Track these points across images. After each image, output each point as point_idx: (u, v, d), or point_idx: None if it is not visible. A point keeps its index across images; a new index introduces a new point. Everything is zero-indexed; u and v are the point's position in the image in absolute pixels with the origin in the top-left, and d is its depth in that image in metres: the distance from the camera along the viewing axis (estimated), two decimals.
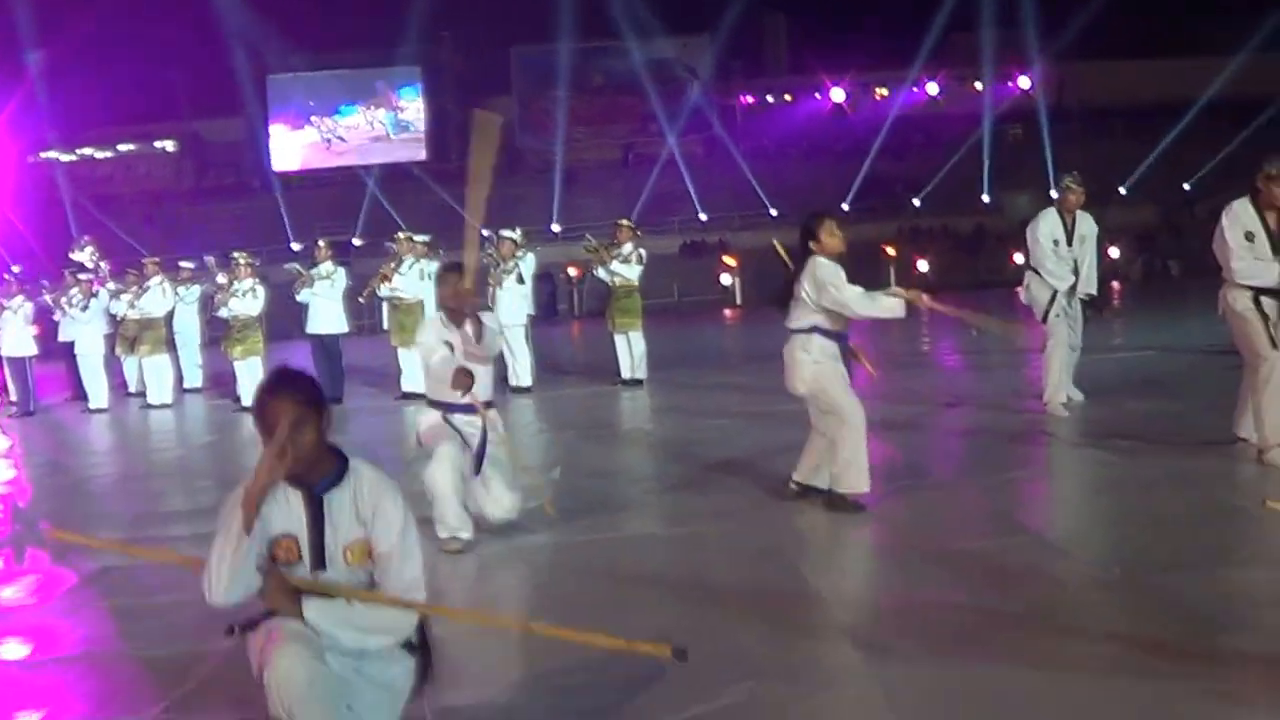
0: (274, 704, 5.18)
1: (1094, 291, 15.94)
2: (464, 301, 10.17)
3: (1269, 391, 11.39)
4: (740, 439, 15.06)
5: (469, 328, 10.05)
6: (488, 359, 10.31)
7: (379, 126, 69.97)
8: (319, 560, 5.40)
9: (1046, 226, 15.53)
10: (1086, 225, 15.65)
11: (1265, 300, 11.46)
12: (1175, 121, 54.94)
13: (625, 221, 22.53)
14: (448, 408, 10.24)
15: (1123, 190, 54.32)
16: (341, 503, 5.44)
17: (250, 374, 21.52)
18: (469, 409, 10.18)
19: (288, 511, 5.40)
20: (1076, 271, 15.56)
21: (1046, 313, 15.40)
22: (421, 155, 68.64)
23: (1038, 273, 15.51)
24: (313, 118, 69.81)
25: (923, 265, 50.41)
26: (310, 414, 5.31)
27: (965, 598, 8.08)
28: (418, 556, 5.55)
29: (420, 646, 5.64)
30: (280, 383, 5.43)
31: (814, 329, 10.74)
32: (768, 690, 6.68)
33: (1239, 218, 11.53)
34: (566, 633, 6.00)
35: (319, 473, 5.44)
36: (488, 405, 10.41)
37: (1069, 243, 15.44)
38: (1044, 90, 66.72)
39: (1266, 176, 11.43)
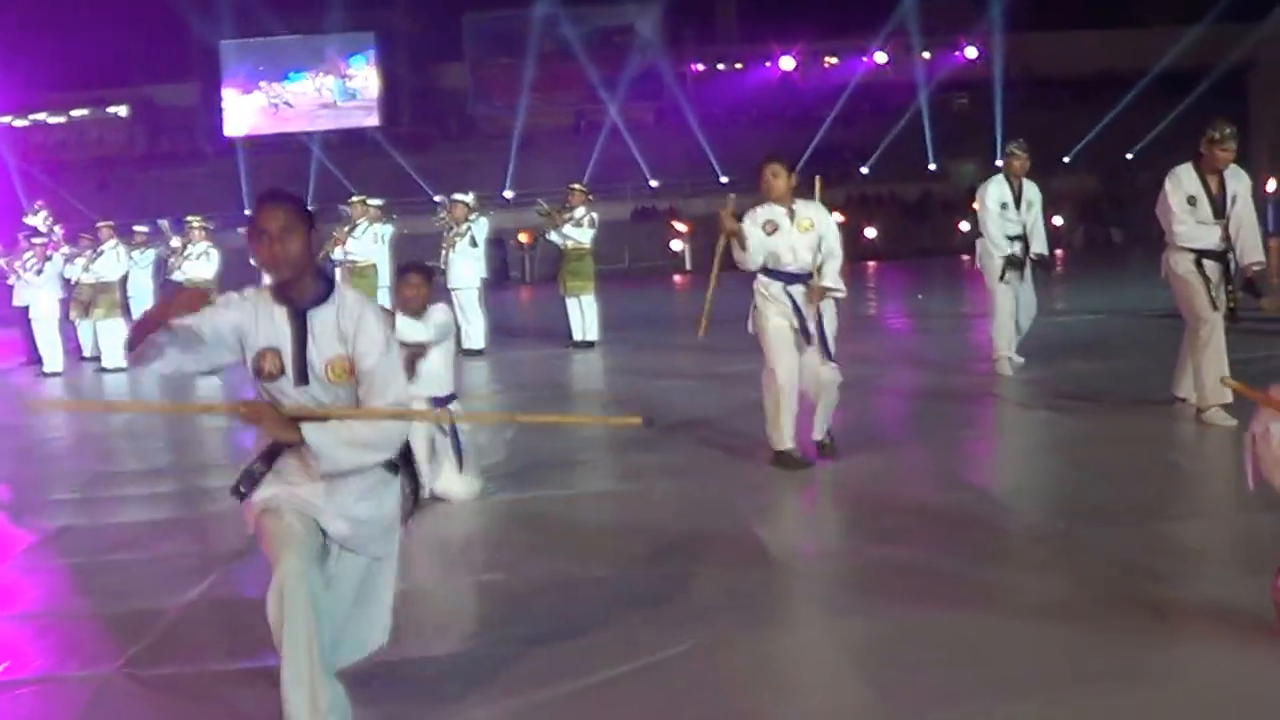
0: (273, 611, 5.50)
1: (1044, 251, 16.19)
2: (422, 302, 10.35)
3: (1208, 353, 11.59)
4: (690, 398, 15.22)
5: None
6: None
7: (326, 94, 69.60)
8: (301, 375, 5.58)
9: (995, 191, 15.79)
10: (1032, 191, 15.90)
11: (1206, 263, 11.67)
12: (1119, 92, 55.23)
13: (578, 185, 22.64)
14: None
15: (1066, 159, 54.58)
16: (325, 320, 5.60)
17: None
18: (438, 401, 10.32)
19: (272, 326, 5.59)
20: (1024, 237, 15.80)
21: (1003, 275, 15.67)
22: (374, 121, 68.36)
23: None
24: (261, 83, 69.40)
25: (870, 232, 50.65)
26: (298, 224, 5.54)
27: (913, 549, 8.19)
28: (401, 377, 5.77)
29: (405, 468, 5.91)
30: (274, 193, 5.68)
31: (762, 268, 10.92)
32: (721, 637, 6.77)
33: (1181, 181, 11.71)
34: (546, 418, 6.15)
35: (305, 290, 5.62)
36: (451, 398, 10.56)
37: (1016, 207, 15.68)
38: (992, 60, 66.94)
39: (1210, 140, 11.61)
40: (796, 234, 10.82)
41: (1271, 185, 54.96)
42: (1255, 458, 6.08)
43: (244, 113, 67.97)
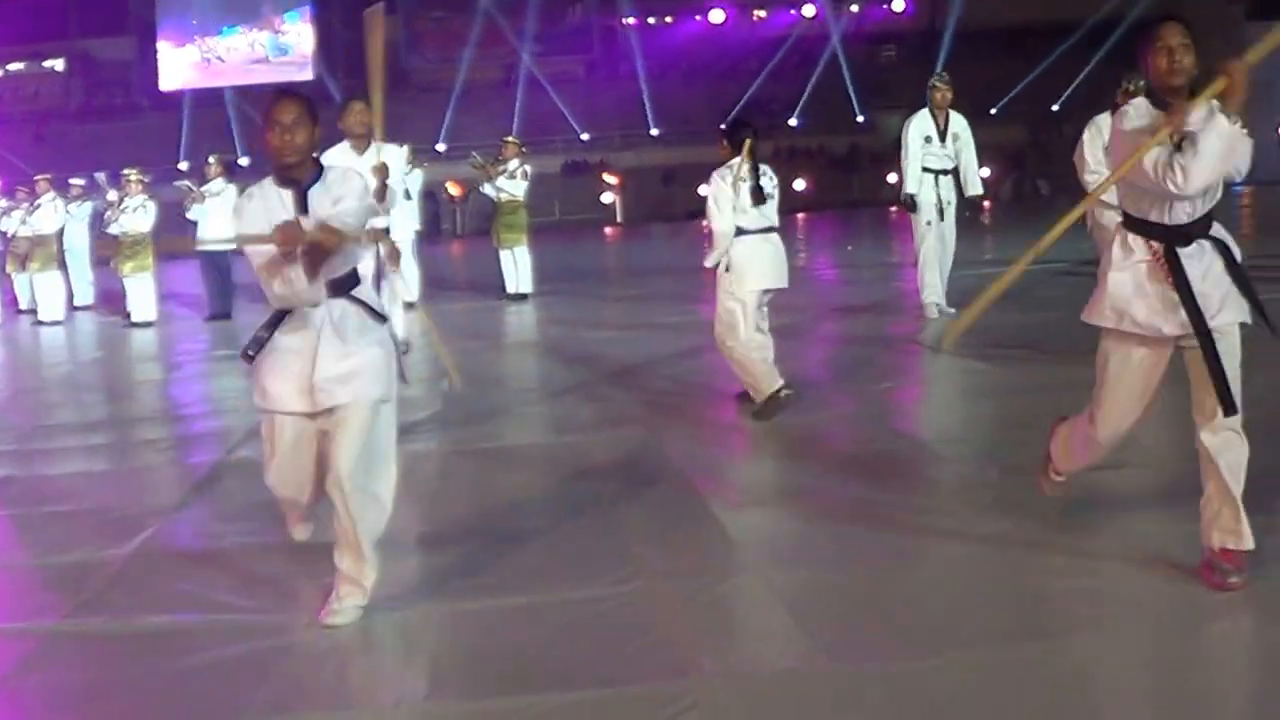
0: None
1: (980, 191, 16.37)
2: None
3: None
4: (623, 349, 15.31)
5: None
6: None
7: (259, 49, 69.12)
8: None
9: (918, 123, 16.02)
10: (959, 124, 16.06)
11: None
12: (1046, 43, 55.46)
13: (511, 138, 22.75)
14: None
15: (993, 111, 54.81)
16: (318, 194, 6.43)
17: (140, 290, 21.59)
18: None
19: (281, 207, 6.40)
20: (953, 172, 16.00)
21: (941, 213, 15.89)
22: (308, 75, 67.98)
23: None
24: (196, 38, 68.86)
25: (799, 185, 50.74)
26: (306, 118, 6.45)
27: (847, 500, 8.30)
28: (359, 201, 6.53)
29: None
30: (287, 90, 6.72)
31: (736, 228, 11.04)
32: (655, 587, 6.87)
33: (1101, 131, 11.88)
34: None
35: (305, 175, 6.49)
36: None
37: (941, 140, 15.86)
38: (919, 12, 67.09)
39: (1125, 91, 11.81)
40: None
41: None
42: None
43: (179, 67, 67.44)
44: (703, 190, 11.42)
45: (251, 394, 6.90)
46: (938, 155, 15.98)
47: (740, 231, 10.86)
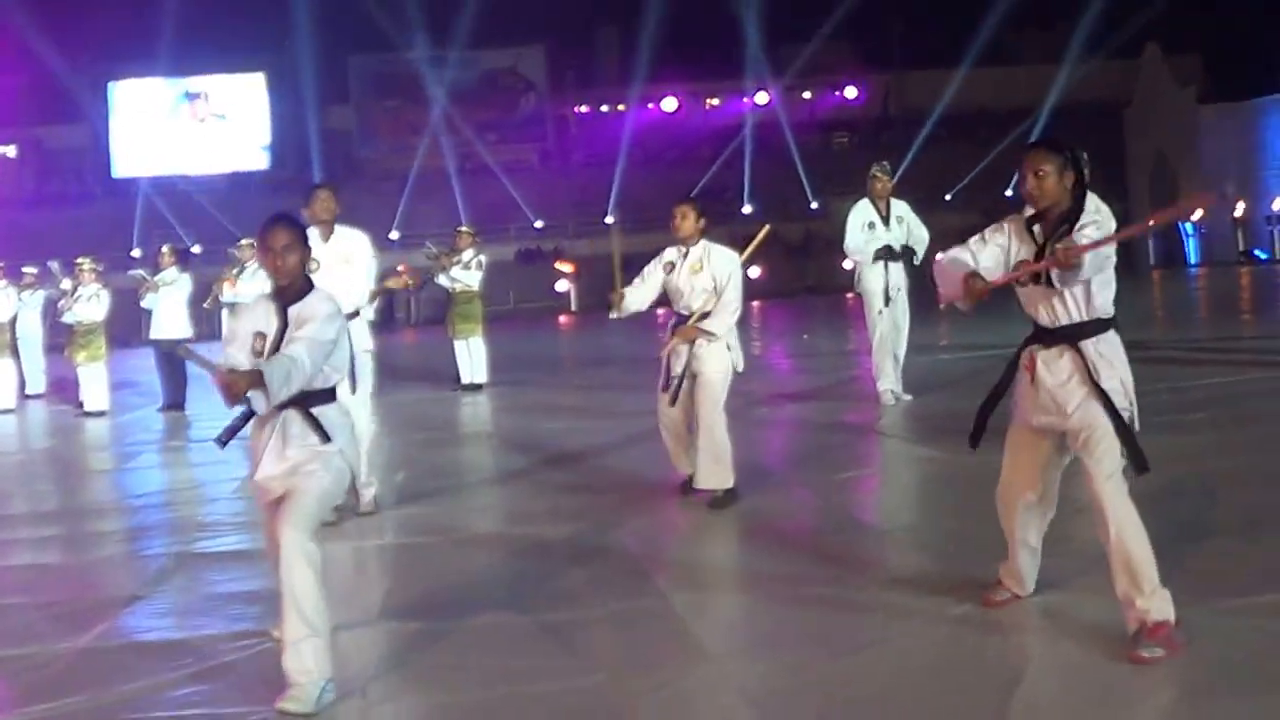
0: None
1: (917, 251, 16.42)
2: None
3: None
4: (578, 439, 15.28)
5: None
6: None
7: (214, 136, 69.25)
8: (276, 350, 6.88)
9: (858, 212, 16.21)
10: (901, 208, 16.22)
11: None
12: (997, 130, 55.97)
13: (466, 228, 22.72)
14: None
15: (947, 197, 55.23)
16: (302, 313, 6.93)
17: (94, 379, 21.52)
18: None
19: (268, 318, 7.00)
20: (903, 254, 16.11)
21: (888, 298, 15.98)
22: (261, 163, 68.16)
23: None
24: (150, 124, 69.00)
25: (754, 272, 50.89)
26: (298, 243, 7.02)
27: (807, 587, 8.22)
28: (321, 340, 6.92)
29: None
30: (281, 217, 7.16)
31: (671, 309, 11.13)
32: (616, 680, 6.84)
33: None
34: None
35: (293, 292, 7.02)
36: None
37: (885, 225, 15.99)
38: (872, 99, 67.67)
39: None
40: (686, 274, 10.92)
41: (1151, 221, 55.80)
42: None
43: (133, 154, 67.50)
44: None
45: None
46: (883, 240, 16.10)
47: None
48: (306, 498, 6.87)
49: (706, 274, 10.88)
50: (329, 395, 7.08)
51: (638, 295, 11.19)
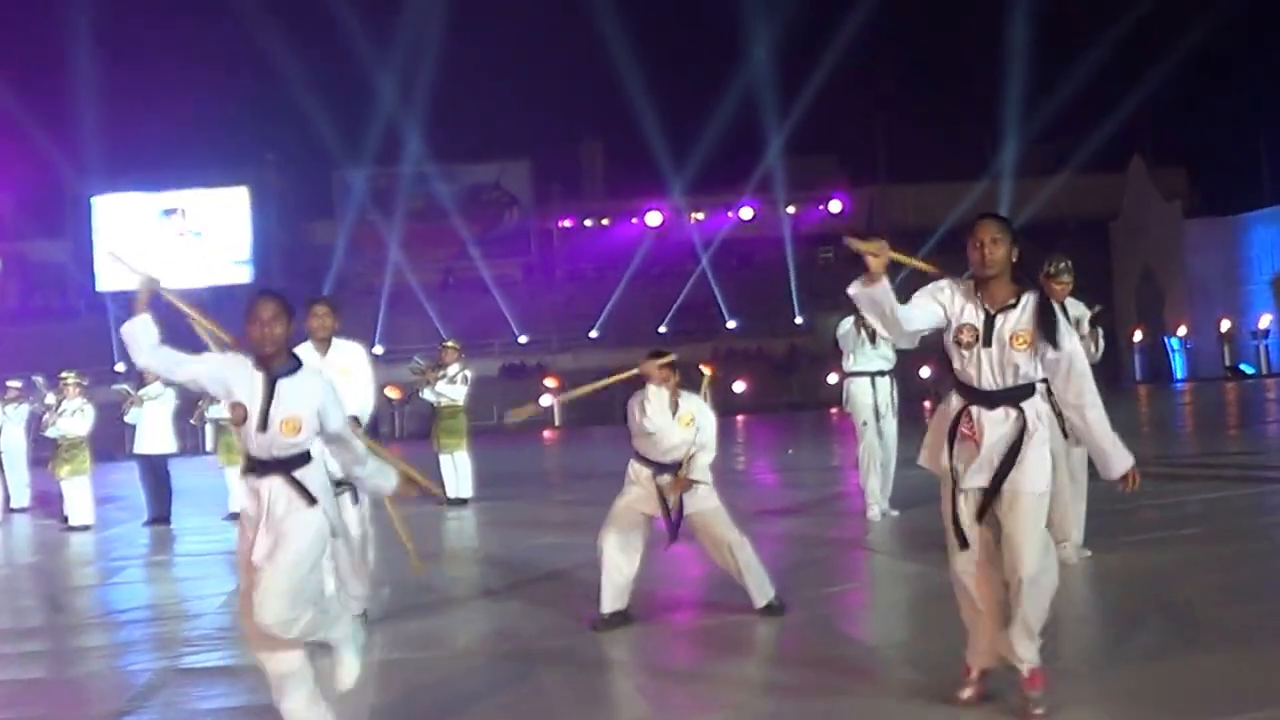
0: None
1: None
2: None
3: (1055, 490, 11.94)
4: (565, 554, 15.21)
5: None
6: None
7: (198, 250, 69.44)
8: (263, 424, 7.28)
9: (848, 328, 16.15)
10: None
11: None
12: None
13: (451, 343, 22.73)
14: None
15: None
16: (291, 388, 7.35)
17: (78, 493, 21.49)
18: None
19: (251, 386, 7.33)
20: (893, 374, 16.21)
21: (877, 414, 16.04)
22: (245, 277, 68.31)
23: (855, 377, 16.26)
24: (132, 239, 69.22)
25: (738, 387, 51.01)
26: (284, 314, 7.42)
27: (798, 704, 8.26)
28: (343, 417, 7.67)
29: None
30: (267, 291, 7.70)
31: (635, 453, 11.24)
32: None
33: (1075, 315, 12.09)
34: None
35: (279, 364, 7.39)
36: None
37: (873, 342, 16.03)
38: (855, 213, 68.03)
39: (1046, 275, 12.09)
40: (678, 428, 10.96)
41: (1138, 335, 55.99)
42: None
43: (116, 269, 67.70)
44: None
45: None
46: (870, 356, 16.15)
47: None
48: (285, 558, 7.26)
49: (694, 426, 10.95)
50: (306, 457, 7.44)
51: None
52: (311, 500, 7.35)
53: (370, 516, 11.70)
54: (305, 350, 11.06)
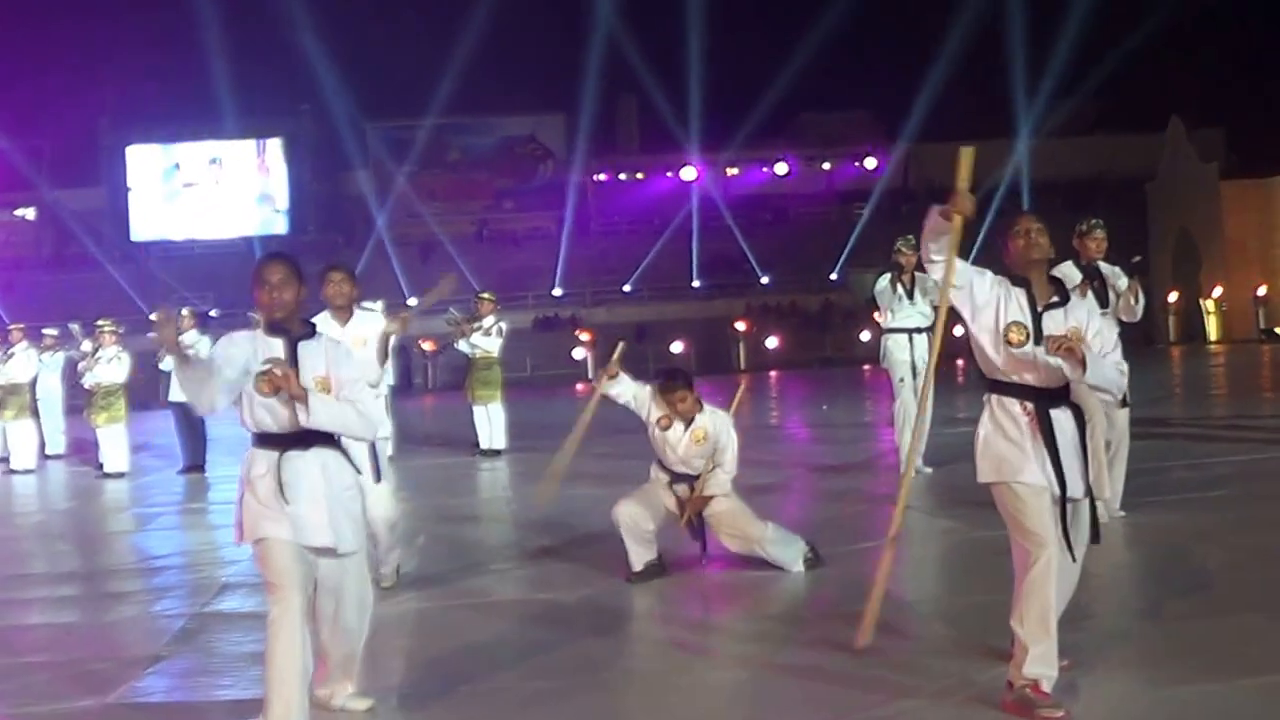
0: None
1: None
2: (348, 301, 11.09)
3: (1093, 449, 11.98)
4: (598, 506, 15.17)
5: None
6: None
7: (232, 200, 69.52)
8: None
9: (885, 285, 16.13)
10: (928, 282, 16.16)
11: None
12: (1017, 201, 55.95)
13: (486, 295, 22.63)
14: None
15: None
16: (312, 350, 7.16)
17: (113, 441, 21.56)
18: None
19: (271, 353, 6.99)
20: (927, 329, 16.15)
21: (914, 370, 16.03)
22: (280, 228, 68.38)
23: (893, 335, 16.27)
24: (166, 188, 69.41)
25: (772, 342, 50.92)
26: (293, 278, 7.12)
27: (829, 657, 8.23)
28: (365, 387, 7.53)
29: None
30: (276, 253, 7.46)
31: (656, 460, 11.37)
32: None
33: (1065, 275, 12.04)
34: None
35: (296, 329, 7.16)
36: None
37: (910, 299, 15.99)
38: (892, 171, 67.79)
39: (1079, 233, 12.11)
40: (688, 443, 10.95)
41: (1173, 296, 55.75)
42: None
43: (150, 217, 67.81)
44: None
45: (234, 544, 7.51)
46: (908, 313, 16.12)
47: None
48: (361, 553, 7.31)
49: (710, 442, 10.93)
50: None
51: (625, 389, 11.41)
52: (357, 470, 7.35)
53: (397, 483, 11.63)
54: (324, 320, 10.98)
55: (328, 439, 7.11)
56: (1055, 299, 7.26)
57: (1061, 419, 7.22)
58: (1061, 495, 7.11)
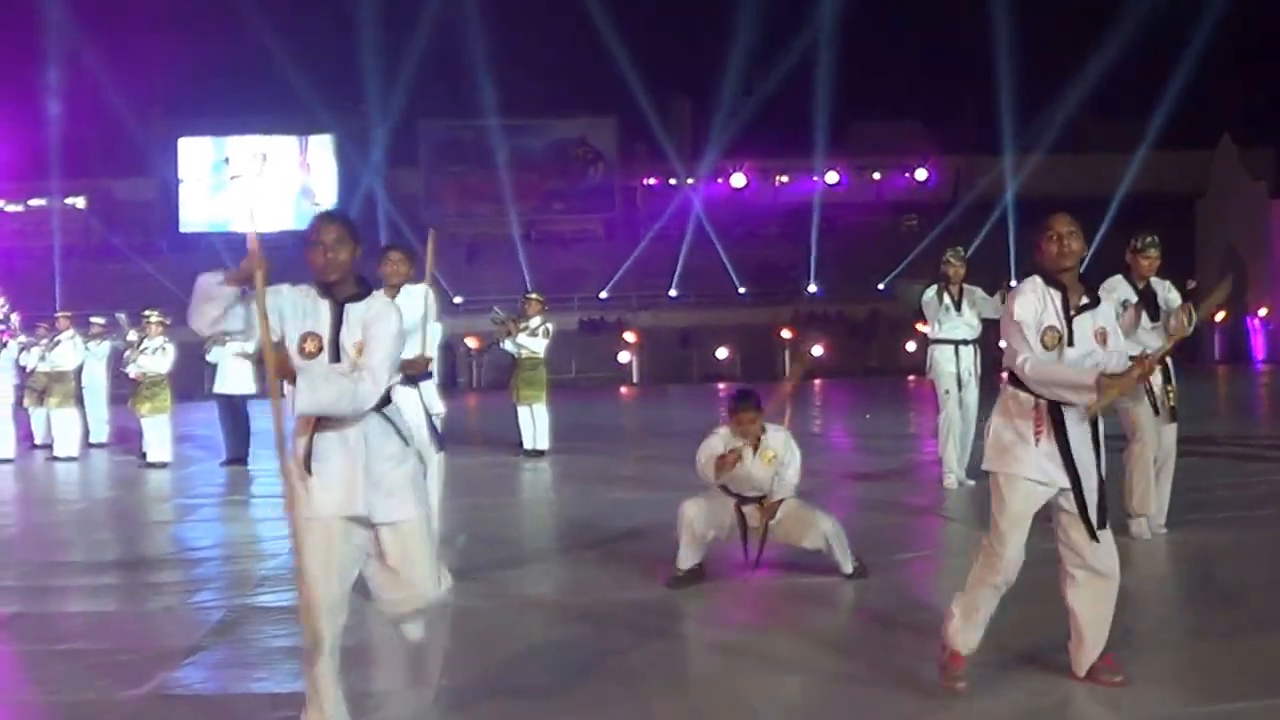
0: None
1: None
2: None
3: (1141, 465, 11.93)
4: (640, 509, 15.21)
5: None
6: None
7: (282, 194, 69.76)
8: (335, 354, 6.81)
9: (932, 296, 16.11)
10: (976, 294, 16.13)
11: None
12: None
13: (534, 295, 22.62)
14: None
15: (1013, 283, 55.08)
16: (357, 312, 6.85)
17: (157, 431, 21.63)
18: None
19: (316, 315, 6.85)
20: (977, 343, 16.11)
21: (960, 382, 15.98)
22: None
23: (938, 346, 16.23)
24: (216, 180, 69.75)
25: (817, 350, 50.86)
26: (348, 238, 6.88)
27: (866, 667, 8.21)
28: (389, 358, 6.90)
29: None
30: (329, 213, 7.17)
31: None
32: None
33: (1115, 289, 11.98)
34: None
35: (347, 291, 6.89)
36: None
37: (958, 310, 15.95)
38: (942, 182, 67.67)
39: (1133, 250, 12.04)
40: (759, 465, 10.91)
41: (1219, 315, 55.51)
42: None
43: (199, 209, 68.14)
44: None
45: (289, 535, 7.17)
46: (955, 324, 16.08)
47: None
48: (423, 531, 7.12)
49: (776, 462, 10.91)
50: (387, 394, 7.04)
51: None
52: (404, 440, 7.03)
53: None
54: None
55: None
56: (1086, 300, 7.40)
57: (1071, 413, 7.27)
58: (1077, 489, 7.29)
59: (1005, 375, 7.49)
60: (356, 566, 7.02)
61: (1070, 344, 7.24)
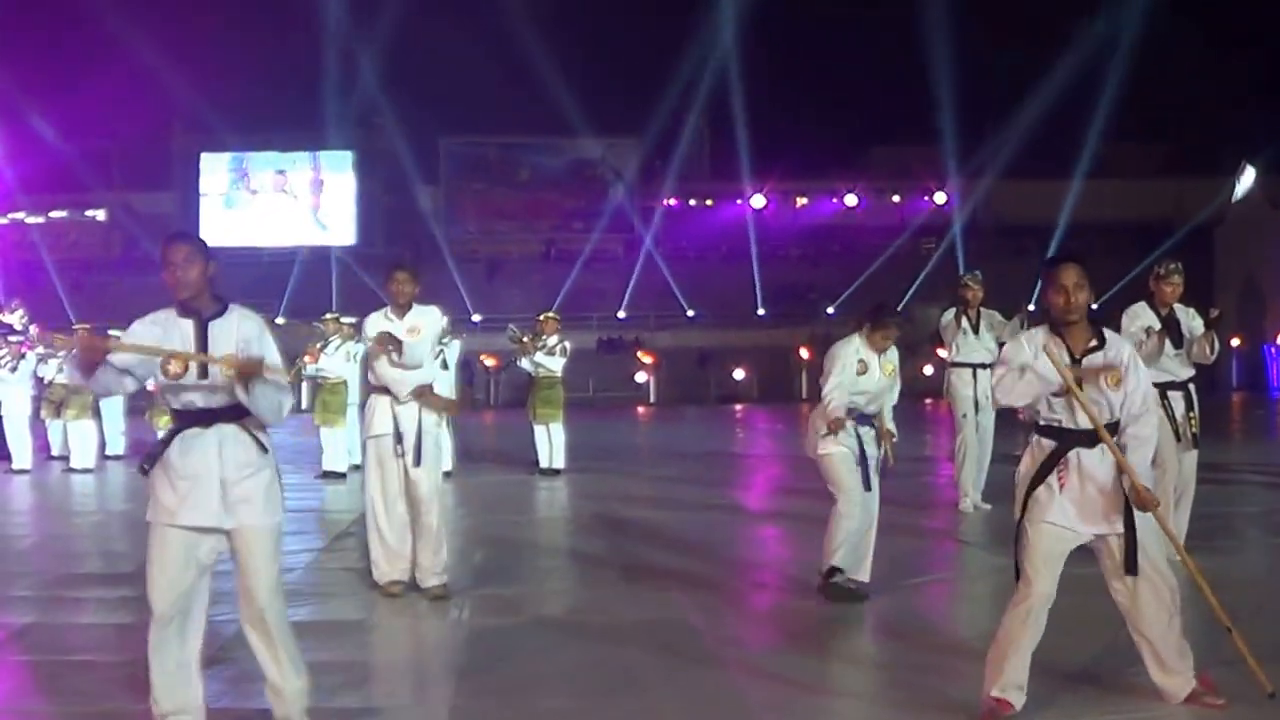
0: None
1: None
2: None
3: (1160, 491, 11.92)
4: (656, 529, 15.22)
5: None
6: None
7: (302, 210, 69.93)
8: (202, 371, 6.99)
9: (948, 319, 16.13)
10: (994, 317, 16.15)
11: (1170, 394, 11.88)
12: (1084, 242, 55.70)
13: (551, 314, 22.60)
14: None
15: (1031, 307, 55.01)
16: (223, 329, 7.10)
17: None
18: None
19: (179, 336, 7.06)
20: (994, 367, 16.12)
21: (977, 405, 15.97)
22: (348, 239, 68.65)
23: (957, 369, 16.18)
24: (238, 196, 69.92)
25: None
26: (197, 255, 7.10)
27: (884, 692, 8.25)
28: (278, 361, 7.16)
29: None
30: (179, 234, 7.40)
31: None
32: None
33: (1139, 316, 11.99)
34: None
35: (205, 307, 7.14)
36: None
37: (975, 333, 15.95)
38: (961, 206, 67.62)
39: (1156, 276, 12.03)
40: (881, 377, 11.33)
41: (1236, 342, 55.36)
42: None
43: (220, 224, 68.25)
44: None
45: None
46: (973, 348, 16.07)
47: None
48: (270, 548, 7.40)
49: (895, 374, 11.57)
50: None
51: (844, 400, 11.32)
52: (264, 448, 7.25)
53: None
54: (381, 315, 11.32)
55: (232, 414, 7.14)
56: (1093, 343, 7.51)
57: (1089, 460, 7.37)
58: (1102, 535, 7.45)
59: (1021, 415, 7.63)
60: (201, 580, 7.54)
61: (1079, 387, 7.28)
